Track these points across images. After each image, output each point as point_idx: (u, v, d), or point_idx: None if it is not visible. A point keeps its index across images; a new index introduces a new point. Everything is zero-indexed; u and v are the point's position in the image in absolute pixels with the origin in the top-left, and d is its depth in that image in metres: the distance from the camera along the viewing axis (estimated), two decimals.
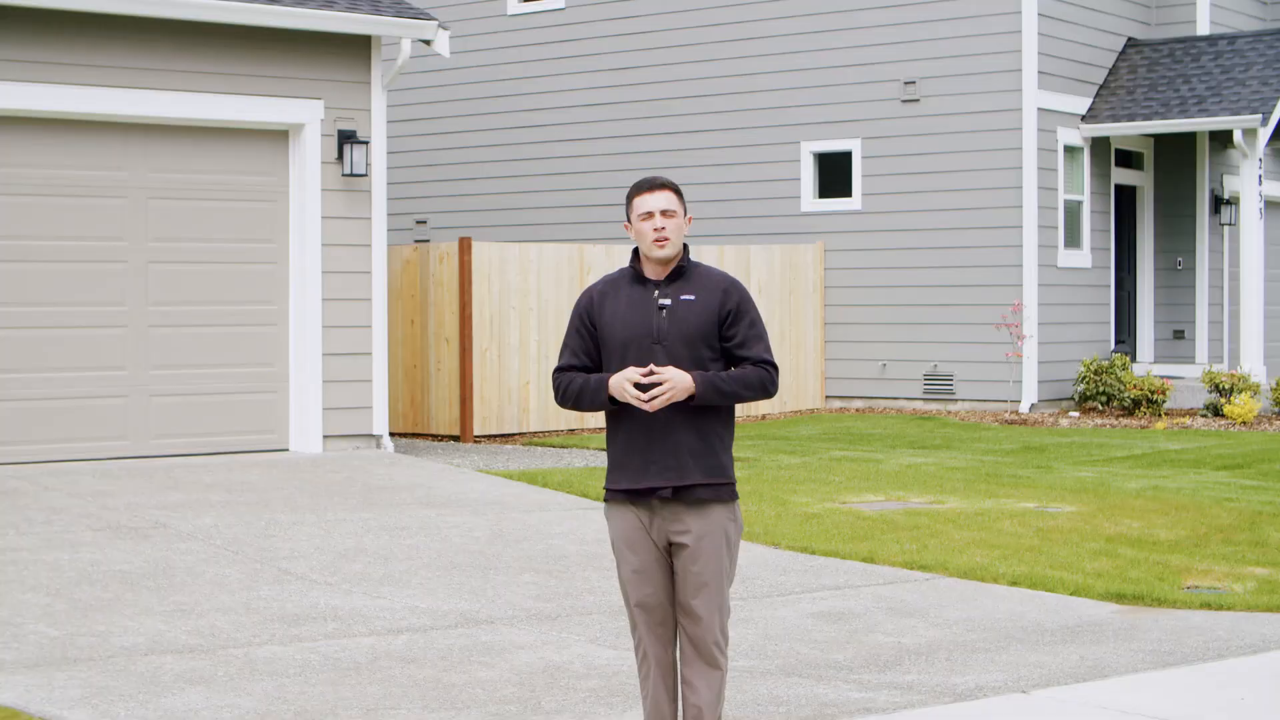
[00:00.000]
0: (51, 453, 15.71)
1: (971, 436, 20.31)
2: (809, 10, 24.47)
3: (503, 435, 20.39)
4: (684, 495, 6.53)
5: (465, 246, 20.11)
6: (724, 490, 6.61)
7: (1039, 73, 22.99)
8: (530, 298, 20.68)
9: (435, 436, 20.31)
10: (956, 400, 23.52)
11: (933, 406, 23.67)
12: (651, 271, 6.64)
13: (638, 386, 6.41)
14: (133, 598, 10.35)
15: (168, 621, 9.78)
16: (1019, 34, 22.93)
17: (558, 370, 6.70)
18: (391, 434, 20.09)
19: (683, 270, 6.63)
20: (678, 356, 6.50)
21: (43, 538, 12.01)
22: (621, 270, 6.77)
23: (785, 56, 24.68)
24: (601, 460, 17.84)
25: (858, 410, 24.08)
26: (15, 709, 7.92)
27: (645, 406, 6.41)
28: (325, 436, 17.06)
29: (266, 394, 17.00)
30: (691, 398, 6.45)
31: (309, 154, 17.03)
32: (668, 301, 6.56)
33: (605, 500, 6.74)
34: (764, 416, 23.27)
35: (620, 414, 6.57)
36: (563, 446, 19.22)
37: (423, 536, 12.67)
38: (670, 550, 6.62)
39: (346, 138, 17.16)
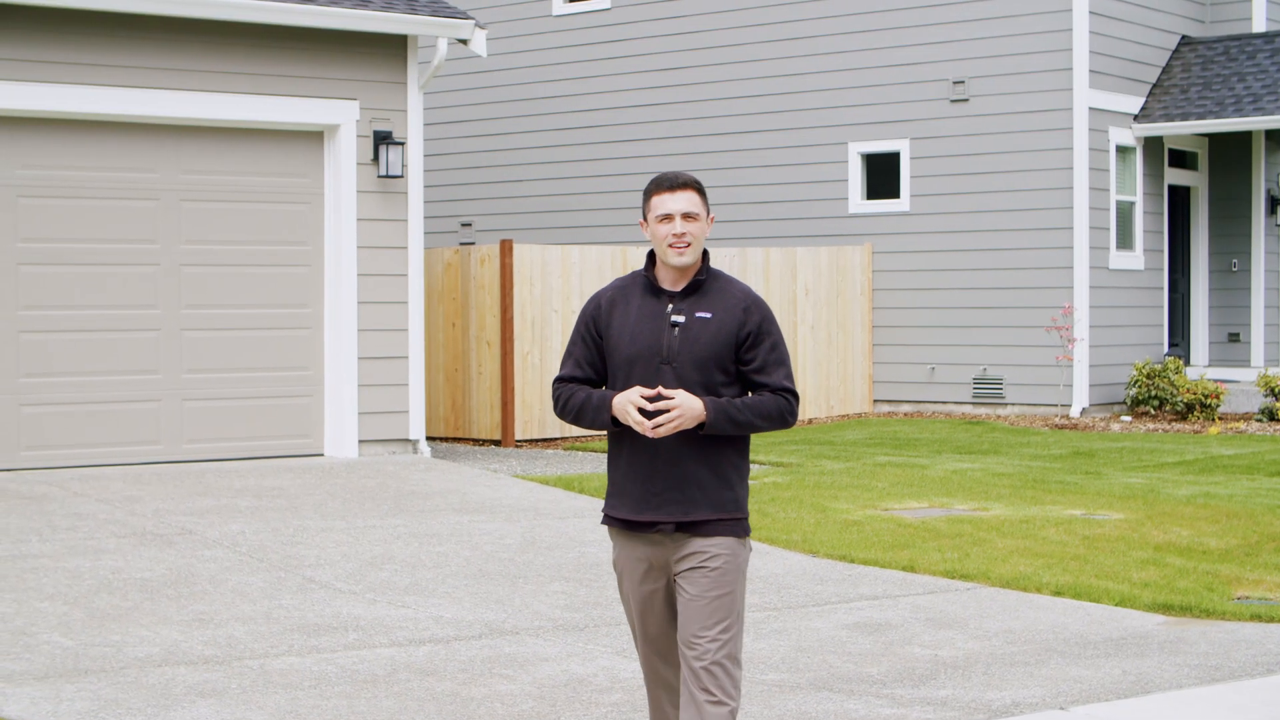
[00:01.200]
0: (83, 457, 15.54)
1: (1020, 441, 19.94)
2: (857, 10, 24.16)
3: (544, 440, 20.14)
4: (689, 528, 6.00)
5: (506, 249, 19.88)
6: (737, 525, 6.04)
7: (1090, 71, 22.61)
8: (573, 300, 20.44)
9: (476, 441, 20.08)
10: (1006, 404, 23.15)
11: (982, 410, 23.31)
12: (667, 280, 6.07)
13: (643, 413, 5.89)
14: (151, 607, 10.13)
15: (185, 631, 9.55)
16: (1069, 32, 22.55)
17: (559, 380, 6.16)
18: (433, 438, 19.90)
19: (701, 283, 6.04)
20: (687, 379, 5.94)
21: (66, 544, 11.82)
22: (634, 274, 6.16)
23: (833, 56, 24.37)
24: None
25: (906, 414, 23.74)
26: None
27: (649, 433, 5.88)
28: (361, 441, 16.84)
29: (301, 398, 16.79)
30: (701, 426, 5.90)
31: (344, 155, 16.82)
32: (681, 319, 5.99)
33: (607, 524, 6.24)
34: (810, 421, 22.96)
35: (624, 435, 6.03)
36: (604, 451, 18.92)
37: (453, 544, 12.41)
38: (674, 579, 6.09)
39: (382, 139, 16.94)
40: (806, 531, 13.18)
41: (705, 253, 6.10)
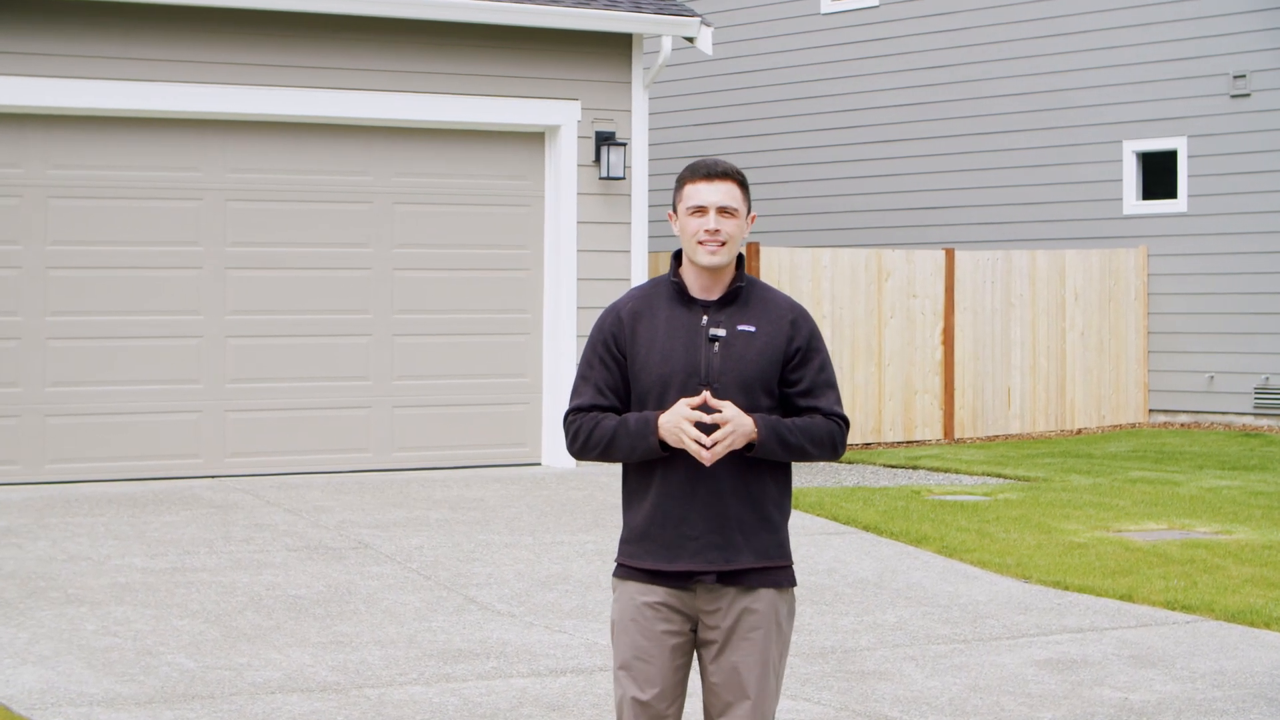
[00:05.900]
0: (289, 464, 15.27)
1: None
2: (1130, 3, 22.91)
3: None
4: (729, 579, 5.17)
5: (753, 252, 19.21)
6: (782, 575, 5.24)
7: None
8: (824, 305, 19.65)
9: None
10: None
11: (1264, 422, 21.88)
12: (698, 287, 5.23)
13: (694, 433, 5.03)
14: (293, 626, 9.67)
15: (316, 655, 9.06)
16: None
17: (575, 410, 5.25)
18: None
19: (739, 290, 5.22)
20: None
21: (233, 557, 11.46)
22: (655, 282, 5.31)
23: (1105, 51, 23.15)
24: (881, 479, 16.72)
25: (1182, 425, 22.42)
26: None
27: (705, 458, 5.02)
28: None
29: (518, 406, 16.31)
30: (750, 446, 5.07)
31: (564, 157, 16.29)
32: (721, 332, 5.15)
33: (617, 575, 5.33)
34: (1080, 431, 21.81)
35: (654, 468, 5.17)
36: (847, 462, 18.11)
37: None
38: (697, 638, 5.25)
39: (604, 140, 16.37)
40: (1023, 555, 12.23)
41: (741, 257, 5.24)
